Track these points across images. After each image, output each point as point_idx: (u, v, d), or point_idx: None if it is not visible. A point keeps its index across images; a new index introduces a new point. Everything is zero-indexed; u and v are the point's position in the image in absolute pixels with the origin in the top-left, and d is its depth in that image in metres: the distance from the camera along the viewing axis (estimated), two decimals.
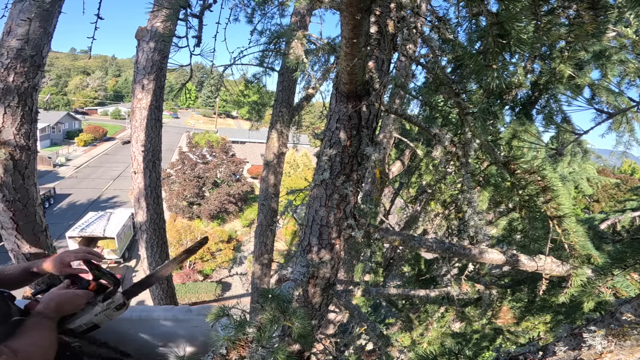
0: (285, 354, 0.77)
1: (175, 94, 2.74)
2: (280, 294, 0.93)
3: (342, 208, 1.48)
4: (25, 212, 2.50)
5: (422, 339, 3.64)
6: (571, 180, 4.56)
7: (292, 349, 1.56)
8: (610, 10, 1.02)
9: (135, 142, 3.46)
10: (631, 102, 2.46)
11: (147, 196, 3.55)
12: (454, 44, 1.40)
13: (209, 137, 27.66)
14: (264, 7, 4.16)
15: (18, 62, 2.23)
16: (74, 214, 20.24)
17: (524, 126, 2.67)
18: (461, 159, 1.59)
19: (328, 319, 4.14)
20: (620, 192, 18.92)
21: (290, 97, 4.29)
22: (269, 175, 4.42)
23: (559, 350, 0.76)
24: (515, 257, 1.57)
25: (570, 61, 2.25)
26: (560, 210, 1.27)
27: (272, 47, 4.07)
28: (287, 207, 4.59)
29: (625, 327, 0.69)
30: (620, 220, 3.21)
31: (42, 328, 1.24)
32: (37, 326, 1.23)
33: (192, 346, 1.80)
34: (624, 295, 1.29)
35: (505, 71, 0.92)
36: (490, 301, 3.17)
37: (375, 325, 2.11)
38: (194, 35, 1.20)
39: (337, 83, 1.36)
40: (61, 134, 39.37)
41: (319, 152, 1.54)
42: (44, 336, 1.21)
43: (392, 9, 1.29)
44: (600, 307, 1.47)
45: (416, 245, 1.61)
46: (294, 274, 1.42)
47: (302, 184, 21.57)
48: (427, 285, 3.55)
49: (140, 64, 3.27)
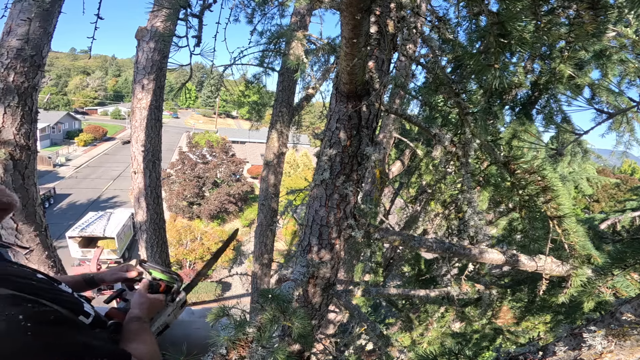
0: (285, 354, 0.77)
1: (175, 94, 2.74)
2: (280, 294, 0.93)
3: (342, 208, 1.48)
4: (25, 212, 2.50)
5: (422, 339, 3.64)
6: (571, 180, 4.56)
7: (292, 349, 1.56)
8: (610, 10, 1.02)
9: (135, 142, 3.46)
10: (631, 102, 2.47)
11: (147, 196, 3.55)
12: (454, 44, 1.40)
13: (209, 137, 27.67)
14: (264, 7, 4.17)
15: (18, 62, 2.24)
16: (74, 214, 20.24)
17: (524, 126, 2.67)
18: (461, 159, 1.59)
19: (328, 319, 4.14)
20: (620, 192, 18.92)
21: (291, 97, 4.29)
22: (269, 175, 4.42)
23: (559, 350, 0.76)
24: (515, 257, 1.57)
25: (570, 61, 2.25)
26: (560, 210, 1.27)
27: (272, 47, 4.07)
28: (287, 207, 4.59)
29: (625, 327, 0.69)
30: (620, 220, 3.21)
31: (149, 333, 1.21)
32: (145, 331, 1.20)
33: (193, 347, 1.80)
34: (624, 295, 1.29)
35: (506, 71, 0.92)
36: (490, 301, 3.17)
37: (375, 325, 2.11)
38: (194, 35, 1.21)
39: (337, 83, 1.36)
40: (61, 134, 39.37)
41: (319, 152, 1.54)
42: (153, 341, 1.18)
43: (392, 9, 1.29)
44: (600, 307, 1.47)
45: (416, 245, 1.61)
46: (294, 274, 1.42)
47: (302, 184, 21.57)
48: (427, 285, 3.55)
49: (140, 63, 3.27)
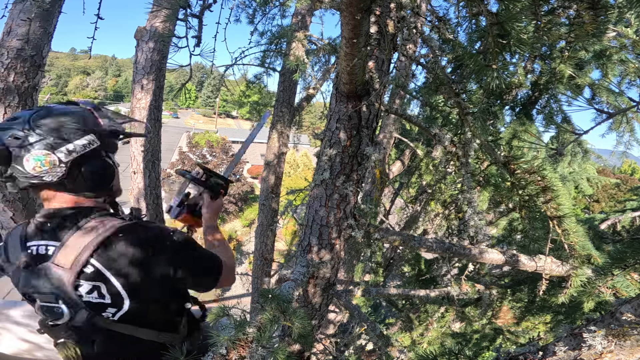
0: (285, 354, 0.77)
1: (175, 94, 2.74)
2: (280, 294, 0.93)
3: (342, 208, 1.48)
4: (25, 212, 2.50)
5: (422, 339, 3.64)
6: (571, 180, 4.56)
7: (292, 349, 1.56)
8: (610, 10, 1.02)
9: (135, 142, 3.46)
10: (631, 102, 2.46)
11: (147, 196, 3.55)
12: (454, 44, 1.40)
13: (209, 137, 27.66)
14: (265, 7, 4.17)
15: (18, 62, 2.24)
16: None
17: (524, 126, 2.66)
18: (461, 159, 1.59)
19: (328, 319, 4.14)
20: (620, 192, 18.90)
21: (291, 98, 4.29)
22: (270, 176, 4.42)
23: (559, 350, 0.76)
24: (515, 257, 1.57)
25: (570, 61, 2.24)
26: (560, 210, 1.27)
27: (273, 47, 4.08)
28: (287, 207, 4.59)
29: (625, 327, 0.69)
30: (620, 220, 3.21)
31: (224, 239, 1.38)
32: (223, 238, 1.36)
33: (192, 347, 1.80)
34: (624, 295, 1.29)
35: (505, 71, 0.92)
36: (490, 301, 3.17)
37: (375, 325, 2.11)
38: (194, 35, 1.20)
39: (337, 83, 1.36)
40: None
41: (319, 152, 1.54)
42: (228, 246, 1.36)
43: (392, 9, 1.29)
44: (600, 307, 1.47)
45: (416, 245, 1.61)
46: (294, 274, 1.41)
47: (302, 184, 21.56)
48: (427, 285, 3.54)
49: (139, 64, 3.27)
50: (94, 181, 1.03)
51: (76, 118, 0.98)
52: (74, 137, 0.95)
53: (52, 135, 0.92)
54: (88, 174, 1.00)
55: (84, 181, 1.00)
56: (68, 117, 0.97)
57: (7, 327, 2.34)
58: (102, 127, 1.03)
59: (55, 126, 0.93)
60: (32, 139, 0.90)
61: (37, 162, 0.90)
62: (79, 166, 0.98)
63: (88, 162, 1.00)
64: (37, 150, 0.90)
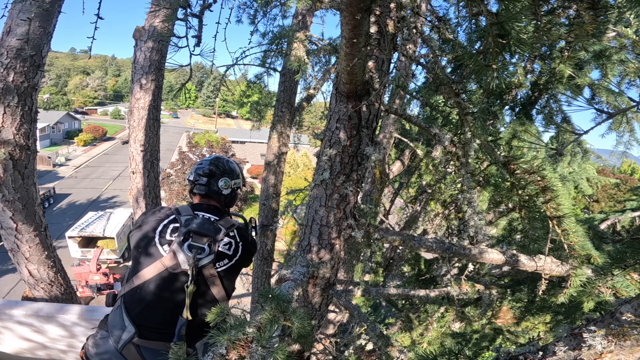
0: (285, 354, 0.77)
1: (175, 94, 2.74)
2: (280, 294, 0.93)
3: (342, 208, 1.49)
4: (25, 212, 2.50)
5: (422, 339, 3.64)
6: (571, 180, 4.56)
7: (292, 349, 1.56)
8: (610, 10, 1.02)
9: (134, 142, 3.46)
10: (631, 102, 2.47)
11: (146, 196, 3.55)
12: (454, 44, 1.40)
13: (209, 137, 27.65)
14: (266, 8, 4.18)
15: (18, 62, 2.23)
16: (74, 214, 20.23)
17: (524, 126, 2.66)
18: (461, 159, 1.59)
19: (328, 319, 4.14)
20: (620, 192, 18.92)
21: (292, 98, 4.29)
22: (270, 176, 4.42)
23: (559, 350, 0.76)
24: (515, 257, 1.57)
25: (570, 61, 2.25)
26: (560, 210, 1.27)
27: (274, 47, 4.08)
28: (287, 207, 4.58)
29: (625, 327, 0.69)
30: (620, 220, 3.21)
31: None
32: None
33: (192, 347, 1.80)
34: (624, 295, 1.29)
35: (505, 71, 0.92)
36: (490, 301, 3.17)
37: (375, 325, 2.11)
38: (194, 35, 1.20)
39: (337, 83, 1.36)
40: (61, 134, 39.35)
41: (319, 152, 1.54)
42: None
43: (392, 9, 1.29)
44: (600, 307, 1.47)
45: (416, 245, 1.61)
46: (294, 274, 1.42)
47: (302, 184, 21.56)
48: (427, 285, 3.54)
49: (138, 63, 3.27)
50: (232, 201, 1.86)
51: (238, 168, 1.89)
52: (237, 177, 1.84)
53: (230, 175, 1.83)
54: (233, 197, 1.85)
55: (230, 200, 1.84)
56: (237, 166, 1.89)
57: (8, 326, 2.35)
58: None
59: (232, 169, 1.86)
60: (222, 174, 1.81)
61: (223, 184, 1.77)
62: (232, 192, 1.82)
63: (235, 192, 1.85)
64: (223, 180, 1.78)
